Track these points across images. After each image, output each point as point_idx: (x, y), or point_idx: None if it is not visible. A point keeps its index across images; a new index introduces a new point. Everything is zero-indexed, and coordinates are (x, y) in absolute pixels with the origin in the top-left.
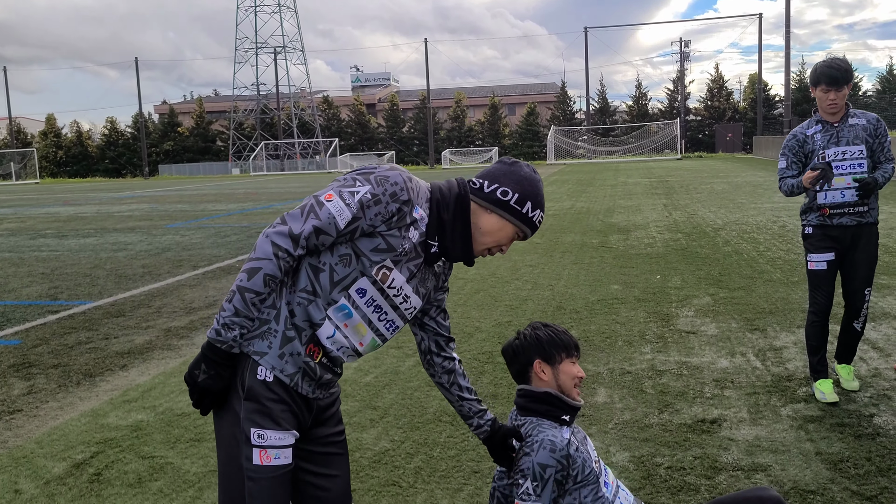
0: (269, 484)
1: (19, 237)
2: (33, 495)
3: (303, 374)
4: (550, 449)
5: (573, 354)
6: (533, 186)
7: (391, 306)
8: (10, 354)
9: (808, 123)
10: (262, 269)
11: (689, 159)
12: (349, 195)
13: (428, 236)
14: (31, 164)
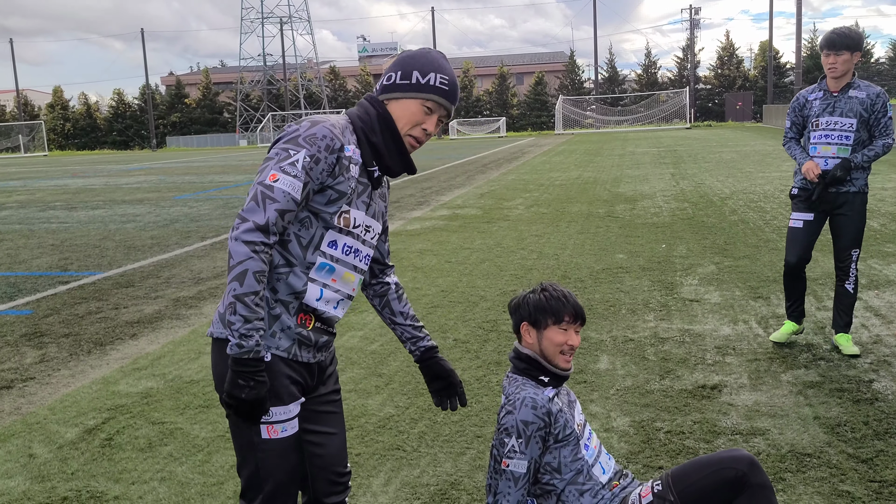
0: (277, 454)
1: (29, 209)
2: (47, 459)
3: (298, 343)
4: (532, 406)
5: (563, 321)
6: (419, 58)
7: (361, 242)
8: (22, 324)
9: (813, 88)
10: (248, 269)
11: (698, 128)
12: (290, 166)
13: (367, 164)
14: (39, 137)
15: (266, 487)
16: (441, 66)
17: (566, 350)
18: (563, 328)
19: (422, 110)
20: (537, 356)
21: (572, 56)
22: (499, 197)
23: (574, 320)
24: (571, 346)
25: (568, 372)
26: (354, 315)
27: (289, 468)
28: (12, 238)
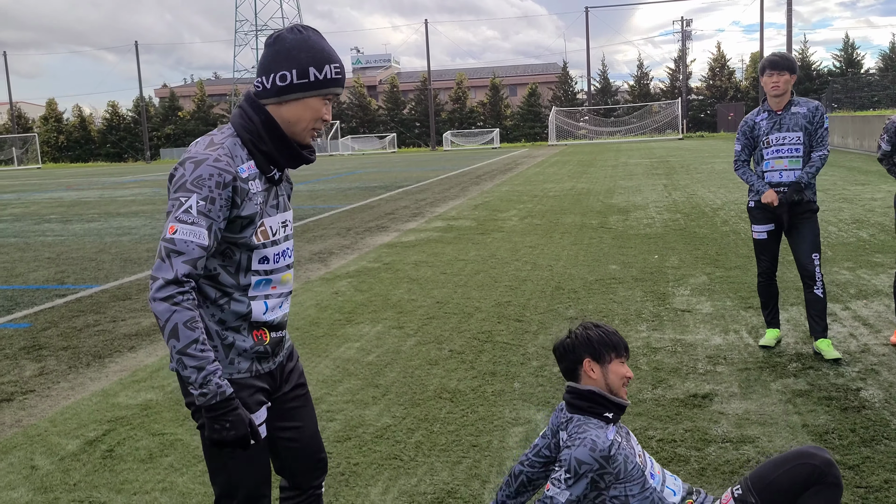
0: (249, 460)
1: (24, 222)
2: (49, 471)
3: (258, 359)
4: (591, 448)
5: (622, 354)
6: (306, 50)
7: (283, 240)
8: (21, 337)
9: (757, 111)
10: (176, 322)
11: (690, 139)
12: (185, 214)
13: (264, 172)
14: (32, 150)
15: (240, 493)
16: (329, 54)
17: (625, 382)
18: (622, 360)
19: (322, 104)
20: (603, 391)
21: (565, 67)
22: (493, 208)
23: (626, 353)
24: (629, 377)
25: (628, 403)
26: (351, 327)
27: (260, 472)
28: (8, 251)
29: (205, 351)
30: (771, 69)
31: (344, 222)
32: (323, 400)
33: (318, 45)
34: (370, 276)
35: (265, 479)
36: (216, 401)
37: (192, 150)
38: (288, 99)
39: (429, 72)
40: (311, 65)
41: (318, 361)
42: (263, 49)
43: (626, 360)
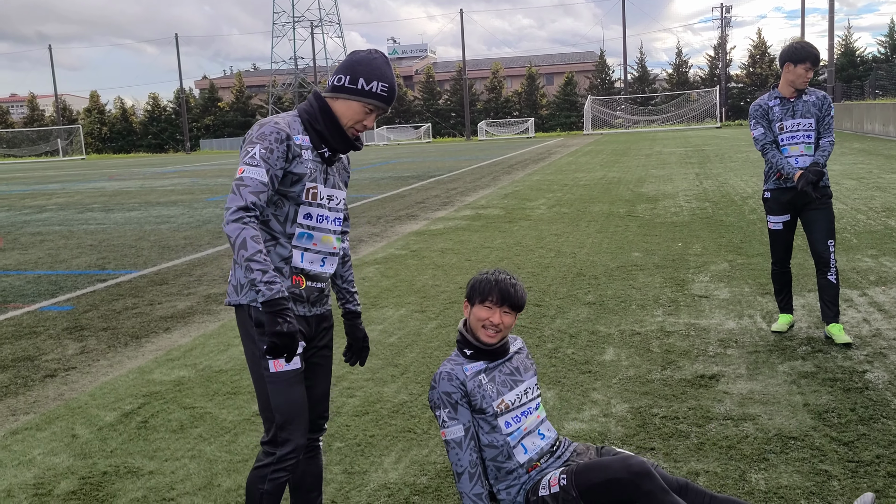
0: (284, 385)
1: (68, 211)
2: (88, 439)
3: (294, 300)
4: (448, 378)
5: (488, 300)
6: (365, 65)
7: (328, 210)
8: (64, 319)
9: (769, 97)
10: (245, 237)
11: (728, 128)
12: (250, 159)
13: (316, 147)
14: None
15: (277, 418)
16: (383, 74)
17: (488, 325)
18: (487, 306)
19: (363, 110)
20: (464, 331)
21: (602, 56)
22: (522, 197)
23: (500, 303)
24: (493, 322)
25: (492, 347)
26: (375, 311)
27: (294, 399)
28: (53, 238)
29: (268, 260)
30: (812, 64)
31: (375, 211)
32: (344, 378)
33: (378, 65)
34: (397, 263)
35: (299, 410)
36: (279, 296)
37: (261, 119)
38: (338, 96)
39: (464, 61)
40: (363, 76)
41: (343, 342)
42: (346, 57)
43: (503, 308)
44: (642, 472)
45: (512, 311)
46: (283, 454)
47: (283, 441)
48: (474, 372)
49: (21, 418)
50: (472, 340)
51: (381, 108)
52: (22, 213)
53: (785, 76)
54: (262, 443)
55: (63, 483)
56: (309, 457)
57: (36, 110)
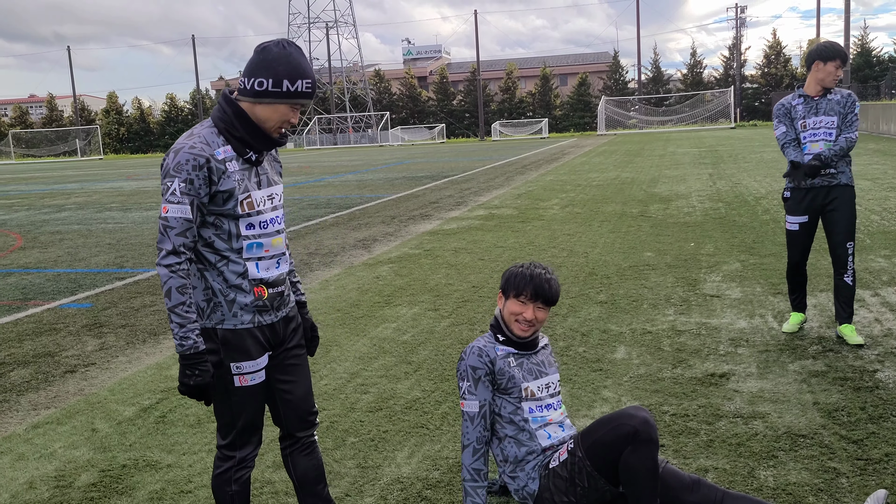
0: (248, 397)
1: (87, 210)
2: (108, 433)
3: (259, 312)
4: (478, 354)
5: (522, 295)
6: (285, 64)
7: (271, 210)
8: (83, 316)
9: (793, 96)
10: (171, 286)
11: (743, 128)
12: (172, 195)
13: (241, 154)
14: (94, 141)
15: (238, 423)
16: (304, 70)
17: (521, 320)
18: (521, 301)
19: (290, 111)
20: (499, 317)
21: (616, 56)
22: (535, 197)
23: (533, 298)
24: (525, 318)
25: (523, 340)
26: (389, 309)
27: (256, 408)
28: (72, 237)
29: (189, 312)
30: (842, 62)
31: (389, 211)
32: (359, 374)
33: (297, 61)
34: (411, 262)
35: (258, 417)
36: (190, 352)
37: (175, 143)
38: (261, 102)
39: (478, 62)
40: (286, 77)
41: (357, 340)
42: (252, 54)
43: (536, 304)
44: (645, 420)
45: (545, 307)
46: (244, 456)
47: (242, 444)
48: (505, 353)
49: (42, 412)
50: (504, 329)
51: (308, 102)
52: (41, 212)
53: (813, 75)
54: (219, 447)
55: (84, 475)
56: (307, 453)
57: (54, 111)
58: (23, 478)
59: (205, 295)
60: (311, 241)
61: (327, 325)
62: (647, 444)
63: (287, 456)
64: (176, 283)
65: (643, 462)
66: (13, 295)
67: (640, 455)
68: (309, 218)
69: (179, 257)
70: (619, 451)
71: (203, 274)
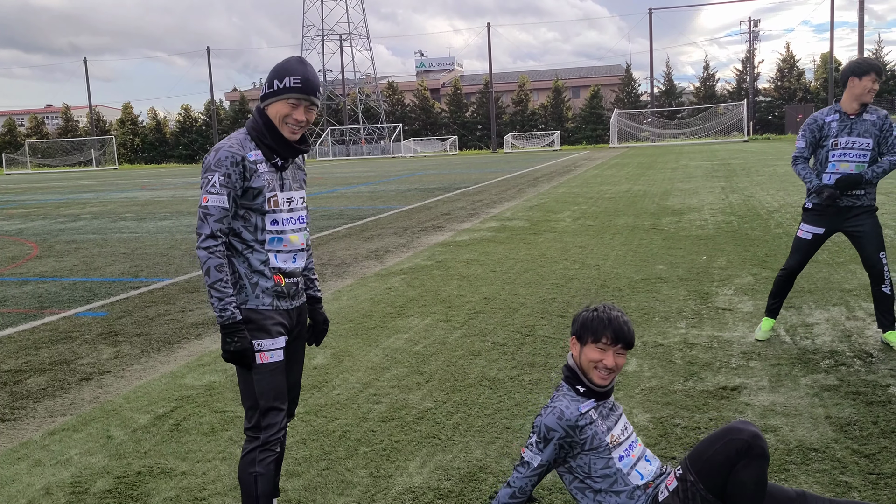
0: (269, 375)
1: (102, 220)
2: (123, 440)
3: (277, 297)
4: (558, 416)
5: (601, 341)
6: (279, 69)
7: (290, 211)
8: (99, 325)
9: (828, 111)
10: (210, 266)
11: (756, 141)
12: (212, 187)
13: (269, 159)
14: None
15: (261, 403)
16: (293, 69)
17: (600, 367)
18: (600, 347)
19: (288, 105)
20: (576, 368)
21: (628, 69)
22: (547, 209)
23: (614, 343)
24: (606, 366)
25: (603, 389)
26: (401, 320)
27: (277, 387)
28: (87, 247)
29: (226, 287)
30: (877, 75)
31: (401, 222)
32: (371, 385)
33: (289, 64)
34: (423, 273)
35: (281, 397)
36: (230, 322)
37: (216, 144)
38: (267, 103)
39: (490, 75)
40: (276, 78)
41: (369, 350)
42: None
43: (616, 348)
44: (757, 434)
45: (624, 351)
46: (268, 437)
47: (266, 425)
48: (587, 409)
49: (58, 419)
50: (582, 378)
51: (303, 99)
52: (57, 221)
53: (850, 91)
54: (246, 429)
55: (99, 482)
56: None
57: (70, 121)
58: (39, 484)
59: (231, 279)
60: (324, 252)
61: (339, 336)
62: (759, 458)
63: None
64: (214, 262)
65: (754, 476)
66: (29, 303)
67: (753, 469)
68: (322, 229)
69: (216, 240)
70: (731, 468)
71: (231, 260)
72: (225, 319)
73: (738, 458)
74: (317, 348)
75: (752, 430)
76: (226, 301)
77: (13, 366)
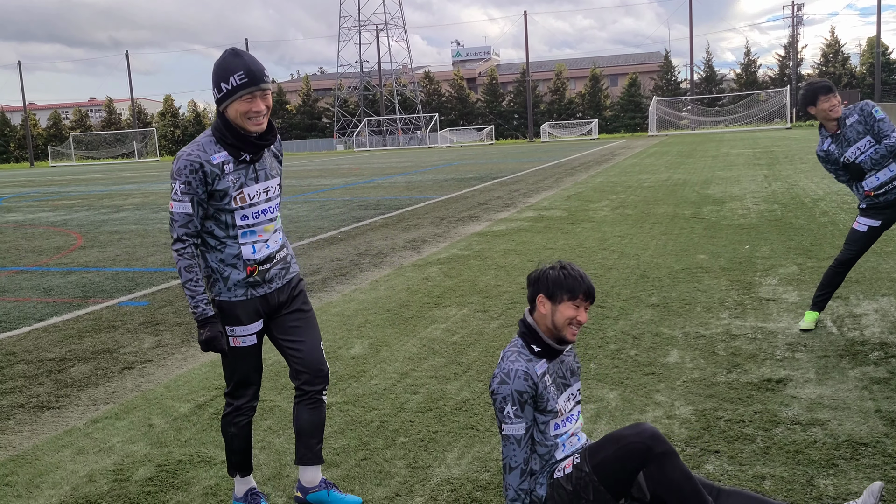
0: (240, 357)
1: (143, 211)
2: (164, 429)
3: (252, 286)
4: (524, 378)
5: (577, 298)
6: (218, 71)
7: (265, 201)
8: (140, 314)
9: (820, 140)
10: (180, 267)
11: (799, 128)
12: (175, 195)
13: (236, 157)
14: (151, 143)
15: (234, 377)
16: (233, 66)
17: (575, 324)
18: (575, 304)
19: (244, 103)
20: (535, 326)
21: (667, 56)
22: (585, 199)
23: (585, 299)
24: (580, 321)
25: (561, 348)
26: (438, 310)
27: (248, 366)
28: (130, 237)
29: (196, 286)
30: (828, 93)
31: (438, 212)
32: (408, 375)
33: (226, 62)
34: (460, 263)
35: (252, 374)
36: (202, 318)
37: (179, 151)
38: (223, 106)
39: (527, 63)
40: (221, 80)
41: (406, 340)
42: None
43: (586, 304)
44: (654, 434)
45: (589, 307)
46: (240, 404)
47: (239, 395)
48: (542, 371)
49: (101, 408)
50: (543, 337)
51: (255, 90)
52: (101, 212)
53: (819, 117)
54: (225, 394)
55: (141, 470)
56: (312, 407)
57: (113, 114)
58: (83, 471)
59: (206, 272)
60: (361, 242)
61: (377, 325)
62: (665, 455)
63: (295, 406)
64: (183, 263)
65: (674, 472)
66: (74, 293)
67: (668, 467)
68: (359, 219)
69: (184, 244)
70: (631, 469)
71: (205, 256)
72: (197, 315)
73: (639, 461)
74: (355, 338)
75: (650, 430)
76: (197, 298)
77: (58, 354)
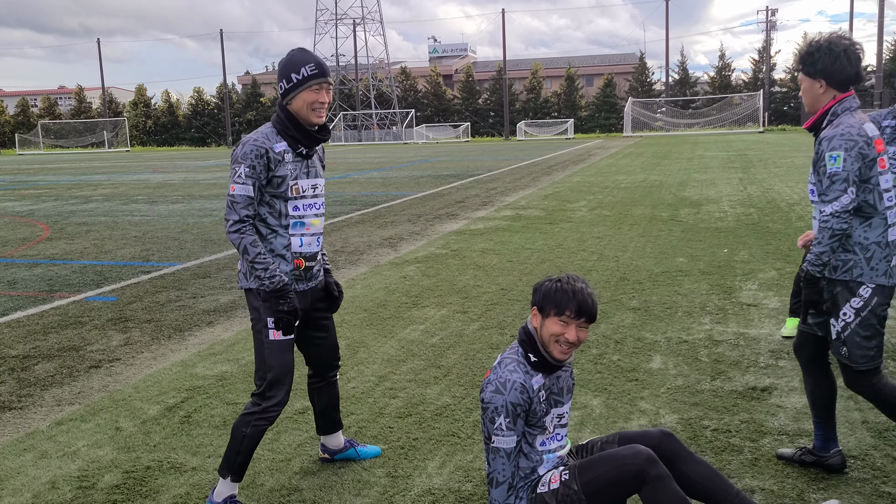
0: (279, 350)
1: (113, 202)
2: (132, 433)
3: (295, 279)
4: (520, 391)
5: (564, 314)
6: (289, 63)
7: (313, 197)
8: (108, 310)
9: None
10: (245, 243)
11: (771, 132)
12: (238, 177)
13: (294, 149)
14: (122, 133)
15: (268, 376)
16: (305, 59)
17: (561, 342)
18: (563, 321)
19: (313, 93)
20: (535, 335)
21: (642, 58)
22: (562, 199)
23: (577, 316)
24: (568, 340)
25: (559, 363)
26: (417, 310)
27: (284, 362)
28: (98, 229)
29: (265, 258)
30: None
31: (415, 209)
32: (387, 378)
33: (297, 56)
34: (438, 262)
35: (288, 371)
36: (280, 286)
37: (243, 137)
38: (291, 97)
39: (504, 62)
40: (293, 71)
41: (384, 342)
42: None
43: (578, 322)
44: (650, 458)
45: (587, 325)
46: (268, 406)
47: (270, 396)
48: (539, 386)
49: (66, 409)
50: (540, 349)
51: (324, 82)
52: (69, 203)
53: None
54: (252, 395)
55: (107, 476)
56: (330, 388)
57: (83, 102)
58: (45, 477)
59: None
60: (337, 239)
61: (354, 326)
62: (660, 479)
63: (314, 391)
64: (248, 240)
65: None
66: (39, 286)
67: (663, 491)
68: (335, 215)
69: (245, 223)
70: (622, 491)
71: None
72: (275, 284)
73: (633, 484)
74: None
75: (646, 454)
76: (271, 269)
77: (21, 351)
